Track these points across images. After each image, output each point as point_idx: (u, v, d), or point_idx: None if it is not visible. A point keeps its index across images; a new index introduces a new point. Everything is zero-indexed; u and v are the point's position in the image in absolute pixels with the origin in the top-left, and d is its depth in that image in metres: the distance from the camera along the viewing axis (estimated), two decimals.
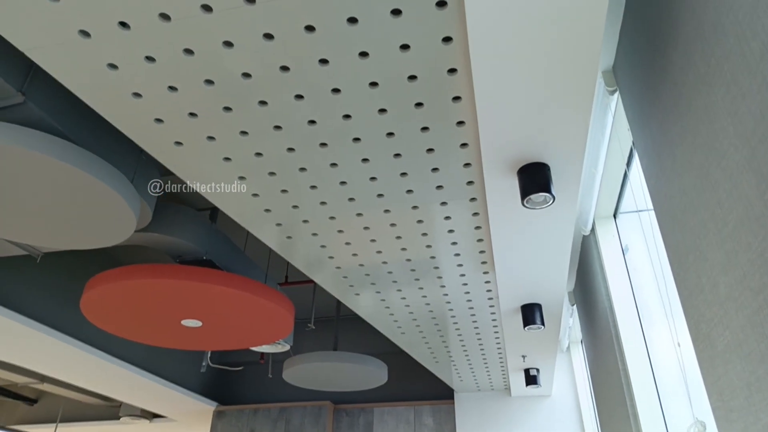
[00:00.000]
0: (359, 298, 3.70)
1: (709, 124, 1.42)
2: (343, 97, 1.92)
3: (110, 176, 2.38)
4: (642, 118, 2.16)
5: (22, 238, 2.75)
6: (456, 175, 2.38)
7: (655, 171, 2.05)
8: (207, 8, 1.55)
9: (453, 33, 1.66)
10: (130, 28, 1.61)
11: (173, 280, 2.93)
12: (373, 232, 2.85)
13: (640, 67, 2.13)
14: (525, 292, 3.46)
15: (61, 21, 1.58)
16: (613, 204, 3.63)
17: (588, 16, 1.53)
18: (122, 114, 1.96)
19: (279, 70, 1.78)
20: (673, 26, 1.68)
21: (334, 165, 2.29)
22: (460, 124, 2.07)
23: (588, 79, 1.78)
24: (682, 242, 1.77)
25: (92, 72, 1.77)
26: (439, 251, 3.05)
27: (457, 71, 1.82)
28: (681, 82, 1.64)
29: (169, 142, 2.11)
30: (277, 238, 2.91)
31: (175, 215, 3.37)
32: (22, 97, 2.16)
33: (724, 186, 1.38)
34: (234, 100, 1.91)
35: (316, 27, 1.62)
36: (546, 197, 2.16)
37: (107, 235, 2.77)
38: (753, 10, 1.13)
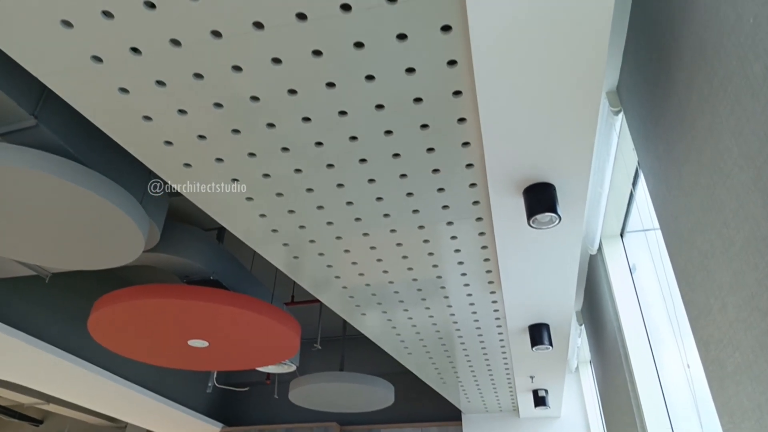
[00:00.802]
0: (366, 318, 3.69)
1: (713, 144, 1.43)
2: (350, 120, 1.94)
3: (120, 197, 2.40)
4: (647, 137, 2.17)
5: (32, 258, 2.77)
6: (462, 195, 2.39)
7: (661, 190, 2.05)
8: (217, 34, 1.59)
9: (458, 56, 1.69)
10: (141, 53, 1.65)
11: (180, 300, 2.94)
12: (379, 252, 2.85)
13: (644, 88, 2.15)
14: (532, 312, 3.44)
15: (75, 47, 1.62)
16: (620, 223, 3.62)
17: (592, 37, 1.55)
18: (132, 136, 1.99)
19: (287, 93, 1.81)
20: (676, 47, 1.70)
21: (340, 185, 2.31)
22: (465, 144, 2.09)
23: (592, 100, 1.80)
24: (690, 262, 1.77)
25: (104, 96, 1.80)
26: (445, 271, 3.05)
27: (462, 93, 1.84)
28: (685, 102, 1.65)
29: (178, 163, 2.13)
30: (283, 258, 2.92)
31: (183, 235, 3.39)
32: (34, 120, 2.20)
33: (730, 206, 1.38)
34: (242, 123, 1.94)
35: (324, 52, 1.65)
36: (552, 217, 2.17)
37: (116, 256, 2.79)
38: (754, 33, 1.14)
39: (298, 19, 1.54)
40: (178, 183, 2.26)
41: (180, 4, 1.49)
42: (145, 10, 1.51)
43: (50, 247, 2.68)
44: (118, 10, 1.51)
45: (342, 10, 1.52)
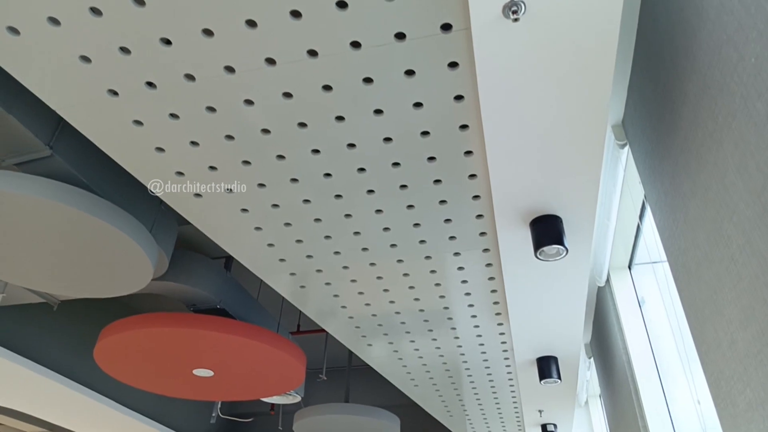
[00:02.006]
0: (371, 349, 3.66)
1: (719, 179, 1.44)
2: (358, 152, 1.97)
3: (130, 226, 2.43)
4: (653, 171, 2.19)
5: (42, 286, 2.80)
6: (469, 226, 2.40)
7: (667, 224, 2.06)
8: (230, 69, 1.63)
9: (465, 91, 1.72)
10: (156, 87, 1.69)
11: (187, 329, 2.94)
12: (386, 282, 2.85)
13: (649, 122, 2.17)
14: (540, 344, 3.41)
15: (92, 81, 1.67)
16: (628, 255, 3.61)
17: (596, 72, 1.58)
18: (144, 167, 2.03)
19: (297, 126, 1.85)
20: (680, 84, 1.72)
21: (348, 216, 2.33)
22: (472, 177, 2.11)
23: (597, 133, 1.82)
24: (698, 296, 1.76)
25: (118, 128, 1.84)
26: (452, 301, 3.04)
27: (468, 127, 1.87)
28: (690, 137, 1.67)
29: (189, 193, 2.16)
30: (290, 287, 2.93)
31: (191, 264, 3.41)
32: (49, 150, 2.24)
33: (737, 241, 1.38)
34: (253, 154, 1.97)
35: (333, 86, 1.69)
36: (559, 249, 2.17)
37: (125, 284, 2.81)
38: (757, 72, 1.16)
39: (309, 56, 1.58)
40: (188, 213, 2.29)
41: (195, 42, 1.54)
42: (161, 46, 1.56)
43: (60, 275, 2.70)
44: (134, 46, 1.56)
45: (352, 47, 1.56)
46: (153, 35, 1.53)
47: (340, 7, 1.44)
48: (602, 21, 1.42)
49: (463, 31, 1.51)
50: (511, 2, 1.37)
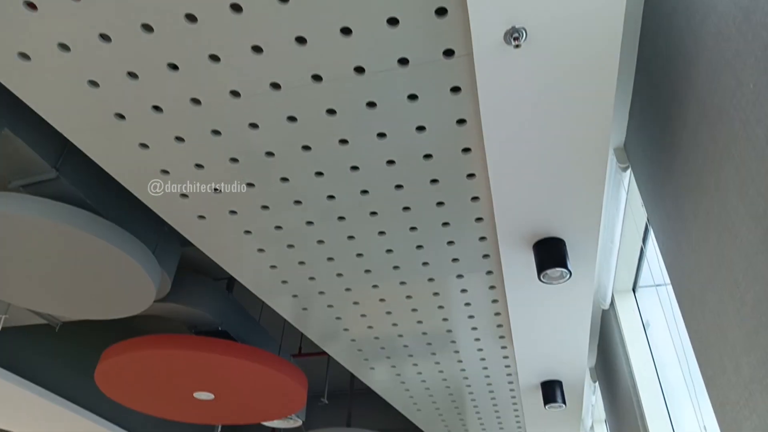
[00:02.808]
0: (374, 372, 3.63)
1: (721, 204, 1.44)
2: (361, 174, 1.98)
3: (133, 248, 2.44)
4: (655, 194, 2.19)
5: (45, 307, 2.80)
6: (472, 248, 2.40)
7: (671, 247, 2.05)
8: (236, 94, 1.66)
9: (467, 115, 1.74)
10: (163, 111, 1.72)
11: (189, 351, 2.93)
12: (388, 304, 2.84)
13: (651, 145, 2.18)
14: (544, 368, 3.38)
15: (100, 105, 1.70)
16: (632, 278, 3.59)
17: (597, 97, 1.60)
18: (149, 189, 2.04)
19: (301, 149, 1.87)
20: (681, 108, 1.74)
21: (351, 237, 2.34)
22: (474, 199, 2.12)
23: (599, 157, 1.83)
24: (702, 320, 1.75)
25: (124, 151, 1.86)
26: (455, 324, 3.02)
27: (471, 150, 1.88)
28: (691, 161, 1.68)
29: (192, 216, 2.18)
30: (292, 310, 2.92)
31: (193, 286, 3.41)
32: (55, 173, 2.27)
33: (740, 265, 1.38)
34: (257, 177, 1.99)
35: (337, 110, 1.71)
36: (563, 272, 2.17)
37: (127, 306, 2.80)
38: (755, 98, 1.18)
39: (314, 81, 1.61)
40: (192, 235, 2.30)
41: (201, 67, 1.57)
42: (168, 71, 1.59)
43: (63, 297, 2.70)
44: (142, 71, 1.59)
45: (356, 72, 1.59)
46: (160, 61, 1.56)
47: (344, 33, 1.47)
48: (603, 47, 1.45)
49: (465, 57, 1.53)
50: (512, 29, 1.39)
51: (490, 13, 1.37)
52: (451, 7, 1.41)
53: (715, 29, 1.36)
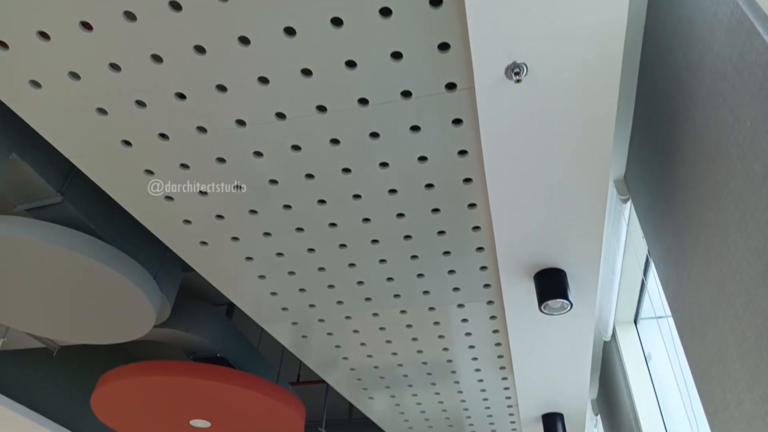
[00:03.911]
0: (373, 402, 3.59)
1: (721, 238, 1.45)
2: (364, 203, 2.00)
3: (134, 273, 2.45)
4: (655, 227, 2.20)
5: (44, 331, 2.79)
6: (472, 277, 2.41)
7: (671, 280, 2.06)
8: (241, 123, 1.68)
9: (468, 146, 1.77)
10: (169, 138, 1.74)
11: (186, 378, 2.90)
12: (388, 333, 2.83)
13: (651, 178, 2.20)
14: (546, 400, 3.34)
15: (107, 132, 1.72)
16: (633, 310, 3.58)
17: (597, 131, 1.62)
18: (153, 216, 2.06)
19: (304, 178, 1.89)
20: (679, 142, 1.77)
21: (352, 265, 2.34)
22: (475, 229, 2.13)
23: (599, 188, 1.85)
24: (704, 354, 1.74)
25: (130, 177, 1.89)
26: (456, 354, 3.00)
27: (472, 181, 1.90)
28: (691, 195, 1.69)
29: (194, 241, 2.19)
30: (291, 337, 2.91)
31: (193, 311, 3.40)
32: (60, 197, 2.29)
33: (740, 299, 1.38)
34: (260, 204, 2.01)
35: (341, 140, 1.74)
36: (564, 303, 2.16)
37: (126, 331, 2.79)
38: (752, 135, 1.20)
39: (318, 111, 1.64)
40: (193, 261, 2.30)
41: (209, 96, 1.60)
42: (175, 100, 1.62)
43: (63, 321, 2.69)
44: (150, 100, 1.62)
45: (360, 104, 1.62)
46: (168, 90, 1.59)
47: (349, 66, 1.51)
48: (602, 82, 1.48)
49: (467, 90, 1.57)
50: (513, 64, 1.43)
51: (492, 49, 1.40)
52: (454, 43, 1.44)
53: (712, 67, 1.39)
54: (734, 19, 1.23)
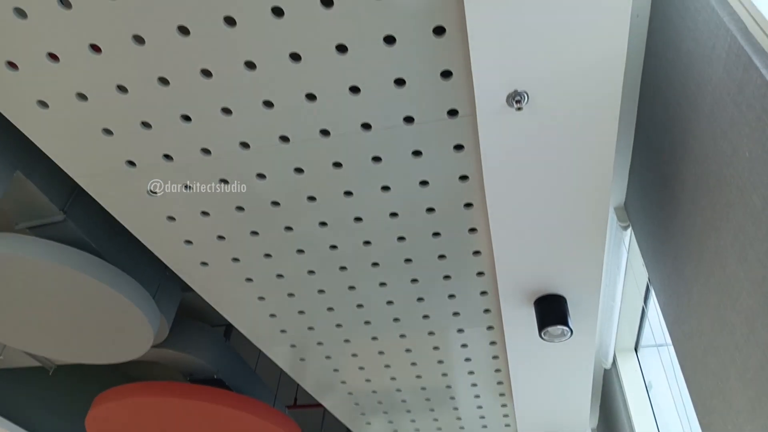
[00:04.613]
0: (370, 427, 3.55)
1: (720, 267, 1.45)
2: (365, 226, 2.01)
3: (134, 293, 2.44)
4: (656, 255, 2.21)
5: (41, 350, 2.77)
6: (472, 302, 2.40)
7: (672, 309, 2.05)
8: (245, 145, 1.70)
9: (469, 172, 1.78)
10: (173, 159, 1.76)
11: (182, 400, 2.88)
12: (387, 357, 2.81)
13: (651, 206, 2.21)
14: (545, 428, 3.30)
15: (112, 152, 1.74)
16: (634, 337, 3.55)
17: (597, 158, 1.64)
18: (155, 235, 2.06)
19: (306, 200, 1.90)
20: (679, 171, 1.78)
21: (352, 288, 2.34)
22: (476, 253, 2.13)
23: (599, 215, 1.86)
24: (705, 384, 1.73)
25: (133, 197, 1.90)
26: (455, 380, 2.98)
27: (473, 205, 1.91)
28: (690, 223, 1.70)
29: (195, 262, 2.19)
30: (289, 360, 2.89)
31: (191, 332, 3.38)
32: (63, 215, 2.29)
33: (741, 330, 1.38)
34: (261, 226, 2.01)
35: (343, 164, 1.75)
36: (564, 330, 2.15)
37: (124, 351, 2.78)
38: (751, 166, 1.21)
39: (322, 135, 1.66)
40: (193, 281, 2.30)
41: (214, 119, 1.62)
42: (180, 122, 1.64)
43: (61, 339, 2.68)
44: (156, 121, 1.64)
45: (363, 129, 1.63)
46: (174, 112, 1.61)
47: (353, 92, 1.53)
48: (602, 111, 1.49)
49: (469, 117, 1.59)
50: (514, 92, 1.45)
51: (494, 77, 1.42)
52: (457, 71, 1.47)
53: (711, 99, 1.41)
54: (732, 52, 1.26)
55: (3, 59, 1.51)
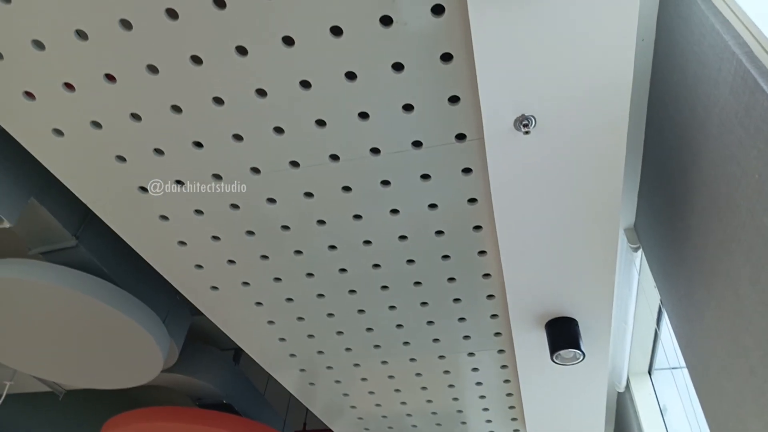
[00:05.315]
0: None
1: (733, 290, 1.44)
2: (374, 249, 2.01)
3: (145, 317, 2.46)
4: (667, 277, 2.19)
5: (50, 375, 2.77)
6: (483, 325, 2.38)
7: (685, 332, 2.03)
8: (256, 170, 1.72)
9: (478, 195, 1.79)
10: (184, 185, 1.78)
11: (191, 425, 2.86)
12: (397, 382, 2.79)
13: (661, 227, 2.20)
14: None
15: (125, 178, 1.77)
16: (647, 360, 3.50)
17: (606, 181, 1.64)
18: (166, 260, 2.08)
19: (316, 224, 1.91)
20: (688, 194, 1.78)
21: (361, 311, 2.33)
22: (486, 276, 2.13)
23: (609, 237, 1.85)
24: (720, 408, 1.70)
25: (145, 222, 1.92)
26: (466, 404, 2.94)
27: (482, 228, 1.92)
28: (701, 245, 1.69)
29: (206, 286, 2.20)
30: (299, 384, 2.87)
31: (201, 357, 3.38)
32: (75, 241, 2.32)
33: (755, 353, 1.36)
34: (271, 249, 2.02)
35: (353, 188, 1.77)
36: (576, 354, 2.13)
37: (134, 376, 2.78)
38: (761, 188, 1.21)
39: (331, 160, 1.68)
40: (203, 305, 2.31)
41: (225, 145, 1.65)
42: (192, 148, 1.66)
43: (71, 365, 2.69)
44: (168, 148, 1.67)
45: (371, 153, 1.65)
46: (187, 139, 1.64)
47: (362, 117, 1.55)
48: (610, 134, 1.50)
49: (477, 140, 1.60)
50: (522, 116, 1.46)
51: (501, 102, 1.44)
52: (464, 96, 1.48)
53: (718, 121, 1.41)
54: (738, 75, 1.27)
55: (21, 89, 1.55)
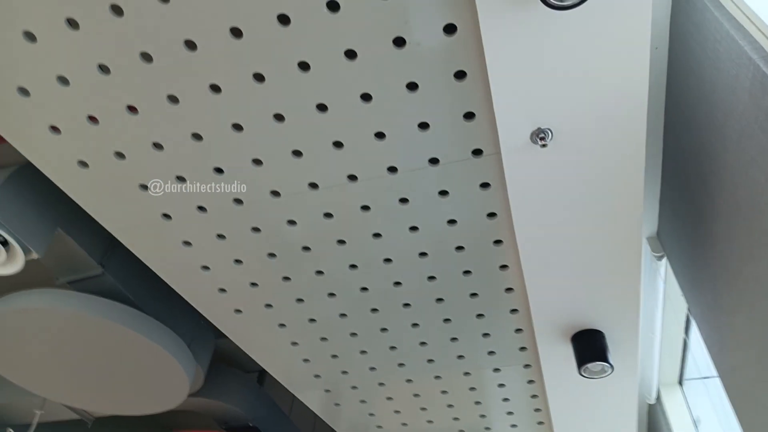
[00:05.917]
0: None
1: (762, 296, 1.41)
2: (394, 267, 2.01)
3: (171, 343, 2.48)
4: (693, 285, 2.15)
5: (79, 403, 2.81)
6: (508, 340, 2.36)
7: (714, 340, 1.98)
8: (276, 193, 1.75)
9: (497, 209, 1.78)
10: (207, 211, 1.81)
11: None
12: (423, 400, 2.76)
13: (684, 235, 2.17)
14: None
15: (149, 206, 1.80)
16: (677, 370, 3.42)
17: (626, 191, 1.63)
18: (190, 285, 2.11)
19: (336, 244, 1.92)
20: (711, 200, 1.75)
21: (384, 330, 2.33)
22: (508, 290, 2.11)
23: (632, 247, 1.83)
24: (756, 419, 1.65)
25: (168, 249, 1.95)
26: (493, 421, 2.90)
27: (503, 242, 1.91)
28: (727, 252, 1.66)
29: (229, 309, 2.22)
30: (324, 405, 2.86)
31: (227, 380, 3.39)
32: (101, 269, 2.36)
33: None
34: (293, 271, 2.04)
35: (371, 206, 1.78)
36: (604, 366, 2.09)
37: (161, 401, 2.80)
38: None
39: (350, 180, 1.69)
40: (227, 328, 2.33)
41: (244, 169, 1.67)
42: (213, 174, 1.69)
43: (99, 392, 2.72)
44: (190, 175, 1.70)
45: (389, 172, 1.66)
46: (207, 165, 1.67)
47: (378, 137, 1.57)
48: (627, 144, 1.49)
49: (494, 155, 1.60)
50: (538, 130, 1.46)
51: (516, 116, 1.44)
52: (479, 112, 1.49)
53: (738, 127, 1.40)
54: (756, 80, 1.26)
55: (47, 124, 1.60)
